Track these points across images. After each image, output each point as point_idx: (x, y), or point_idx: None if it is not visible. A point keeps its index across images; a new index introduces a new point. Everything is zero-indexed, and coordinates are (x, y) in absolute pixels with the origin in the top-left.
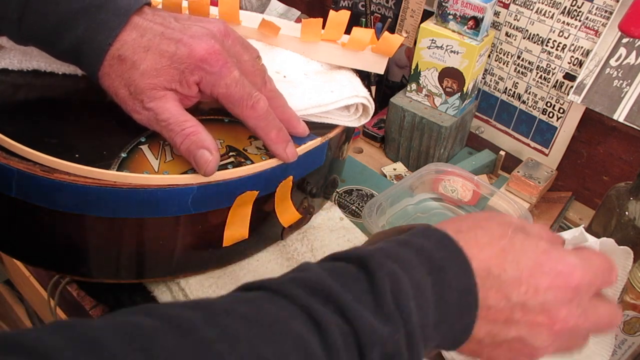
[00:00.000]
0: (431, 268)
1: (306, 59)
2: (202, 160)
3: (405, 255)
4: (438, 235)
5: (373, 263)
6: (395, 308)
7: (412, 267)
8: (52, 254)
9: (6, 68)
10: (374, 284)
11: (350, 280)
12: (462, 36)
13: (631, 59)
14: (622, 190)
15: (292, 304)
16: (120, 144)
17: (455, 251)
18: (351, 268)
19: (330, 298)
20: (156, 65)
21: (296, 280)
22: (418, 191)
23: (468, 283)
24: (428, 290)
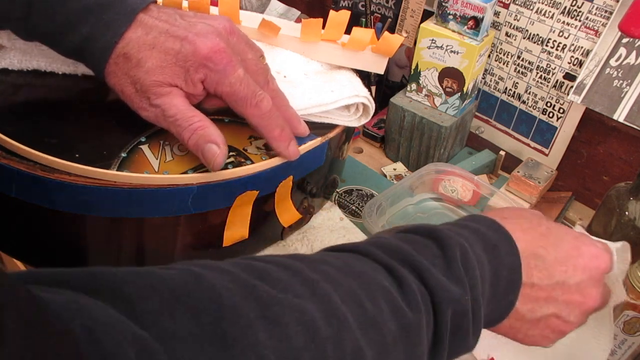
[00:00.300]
0: (486, 246)
1: (306, 59)
2: (209, 154)
3: (464, 234)
4: (488, 220)
5: (442, 234)
6: (465, 273)
7: (472, 242)
8: (52, 254)
9: (6, 68)
10: (444, 250)
11: (422, 247)
12: (462, 36)
13: (631, 59)
14: (622, 190)
15: (374, 262)
16: (120, 143)
17: (504, 233)
18: (421, 238)
19: (407, 260)
20: (161, 62)
21: (375, 244)
22: (418, 191)
23: (516, 262)
24: (486, 265)
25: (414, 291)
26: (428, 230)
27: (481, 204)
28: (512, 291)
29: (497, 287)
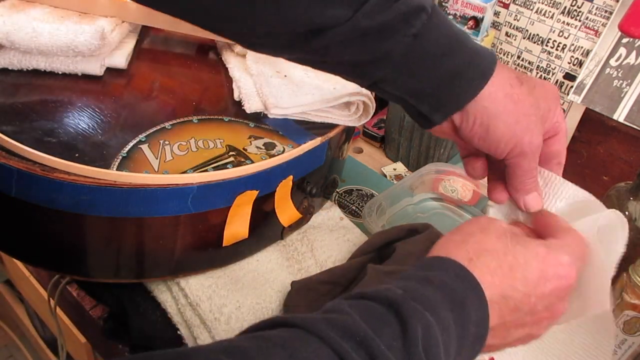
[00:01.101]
0: (453, 304)
1: None
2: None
3: (429, 294)
4: (455, 267)
5: (405, 308)
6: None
7: (437, 307)
8: (52, 254)
9: (6, 67)
10: (405, 330)
11: (381, 324)
12: None
13: (631, 59)
14: (622, 190)
15: (325, 346)
16: (120, 143)
17: (472, 283)
18: (383, 311)
19: (363, 344)
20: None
21: (330, 322)
22: (418, 191)
23: (483, 315)
24: (451, 328)
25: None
26: (390, 301)
27: (481, 204)
28: (479, 343)
29: (463, 344)
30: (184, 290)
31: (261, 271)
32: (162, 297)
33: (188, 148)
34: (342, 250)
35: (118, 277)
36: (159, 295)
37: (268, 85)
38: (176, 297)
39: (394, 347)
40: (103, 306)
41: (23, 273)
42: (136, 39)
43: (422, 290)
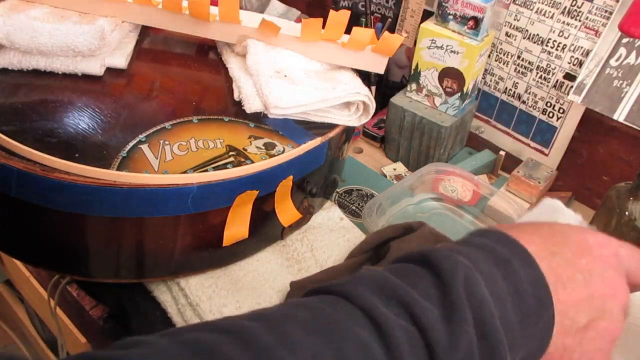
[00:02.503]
0: (497, 261)
1: (306, 58)
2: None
3: (468, 250)
4: (494, 232)
5: (436, 256)
6: (467, 297)
7: (478, 260)
8: (52, 254)
9: (6, 67)
10: (439, 275)
11: (415, 277)
12: (462, 36)
13: (631, 59)
14: (622, 190)
15: (353, 306)
16: (120, 143)
17: (514, 244)
18: (415, 267)
19: (395, 294)
20: None
21: (361, 280)
22: (418, 191)
23: (535, 273)
24: (500, 284)
25: (398, 338)
26: (423, 255)
27: (481, 204)
28: (545, 308)
29: (523, 306)
30: (184, 291)
31: (261, 271)
32: (162, 297)
33: (188, 148)
34: (342, 250)
35: (118, 277)
36: (159, 295)
37: (268, 85)
38: (176, 297)
39: (432, 295)
40: (103, 306)
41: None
42: (136, 39)
43: (458, 247)
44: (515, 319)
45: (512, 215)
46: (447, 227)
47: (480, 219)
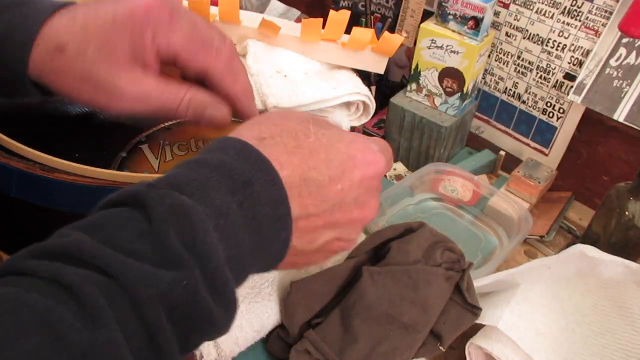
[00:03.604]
0: (234, 186)
1: (306, 58)
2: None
3: (199, 177)
4: (237, 146)
5: (150, 199)
6: (184, 248)
7: (209, 190)
8: None
9: None
10: (152, 222)
11: (119, 228)
12: (462, 36)
13: (631, 59)
14: (622, 190)
15: (34, 279)
16: (120, 143)
17: (259, 161)
18: (123, 211)
19: (83, 256)
20: (104, 39)
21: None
22: (418, 191)
23: (278, 194)
24: (234, 214)
25: (91, 295)
26: (134, 195)
27: (481, 204)
28: (283, 228)
29: (260, 232)
30: None
31: None
32: None
33: (188, 148)
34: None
35: None
36: None
37: (268, 85)
38: None
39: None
40: None
41: None
42: None
43: (188, 174)
44: (248, 248)
45: (512, 215)
46: (447, 227)
47: (480, 218)
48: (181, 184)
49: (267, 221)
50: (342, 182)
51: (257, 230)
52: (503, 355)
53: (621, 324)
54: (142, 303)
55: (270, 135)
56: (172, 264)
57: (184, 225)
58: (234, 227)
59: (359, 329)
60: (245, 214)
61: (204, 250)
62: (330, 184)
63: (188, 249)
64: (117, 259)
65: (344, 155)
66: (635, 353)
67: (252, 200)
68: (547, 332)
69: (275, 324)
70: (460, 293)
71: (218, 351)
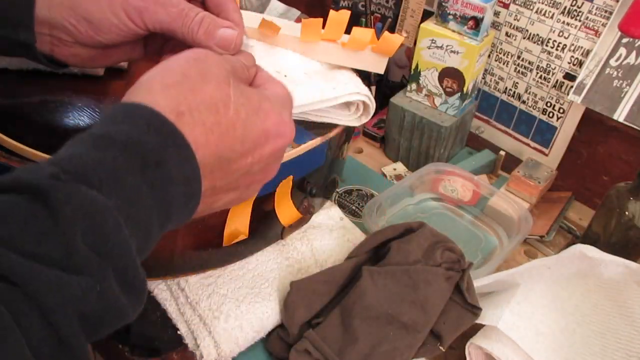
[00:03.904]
0: (145, 164)
1: (306, 58)
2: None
3: (107, 159)
4: (148, 117)
5: (55, 198)
6: (94, 250)
7: (118, 176)
8: None
9: (6, 67)
10: (57, 220)
11: (23, 224)
12: (462, 36)
13: (631, 59)
14: (622, 190)
15: None
16: None
17: (174, 136)
18: (23, 203)
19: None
20: None
21: None
22: (418, 191)
23: (192, 173)
24: (146, 198)
25: None
26: (36, 187)
27: (481, 204)
28: (191, 200)
29: (169, 208)
30: (184, 290)
31: (261, 271)
32: (161, 297)
33: None
34: (342, 250)
35: None
36: (159, 294)
37: None
38: (176, 297)
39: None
40: None
41: None
42: None
43: (96, 156)
44: (157, 226)
45: (512, 215)
46: (447, 227)
47: (480, 218)
48: (88, 171)
49: (178, 198)
50: (252, 156)
51: (167, 208)
52: (503, 355)
53: (621, 324)
54: (52, 311)
55: (188, 109)
56: (83, 269)
57: (94, 226)
58: (145, 212)
59: (359, 329)
60: (156, 195)
61: (116, 249)
62: (240, 159)
63: (99, 251)
64: (22, 264)
65: (259, 129)
66: (636, 353)
67: (165, 179)
68: (548, 332)
69: (275, 324)
70: (460, 293)
71: (218, 351)
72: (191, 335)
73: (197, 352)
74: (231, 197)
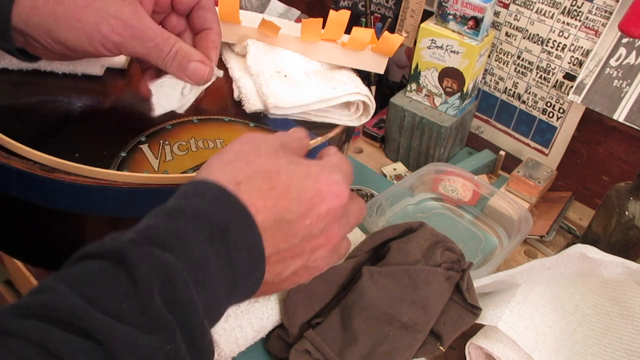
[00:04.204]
0: (212, 234)
1: (306, 58)
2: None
3: (179, 228)
4: (214, 191)
5: (132, 258)
6: (166, 309)
7: (188, 243)
8: (53, 253)
9: (6, 68)
10: (136, 283)
11: (106, 286)
12: (462, 36)
13: (631, 59)
14: (622, 190)
15: (23, 343)
16: (120, 143)
17: (237, 208)
18: (107, 267)
19: (73, 319)
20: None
21: (29, 308)
22: (418, 191)
23: (254, 238)
24: (212, 263)
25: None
26: (118, 251)
27: (481, 204)
28: (257, 268)
29: (235, 276)
30: None
31: None
32: None
33: (188, 148)
34: None
35: None
36: None
37: (268, 86)
38: None
39: (125, 310)
40: None
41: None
42: None
43: (166, 225)
44: (224, 292)
45: (512, 215)
46: (447, 227)
47: (480, 218)
48: (160, 237)
49: (243, 265)
50: (310, 217)
51: (233, 274)
52: (503, 355)
53: (622, 323)
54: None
55: (245, 179)
56: (155, 328)
57: (165, 285)
58: (212, 277)
59: (359, 329)
60: (222, 261)
61: (185, 308)
62: (299, 220)
63: (170, 309)
64: (105, 323)
65: (312, 191)
66: (637, 352)
67: (229, 247)
68: (548, 332)
69: (275, 324)
70: (460, 293)
71: (218, 351)
72: None
73: None
74: (298, 265)
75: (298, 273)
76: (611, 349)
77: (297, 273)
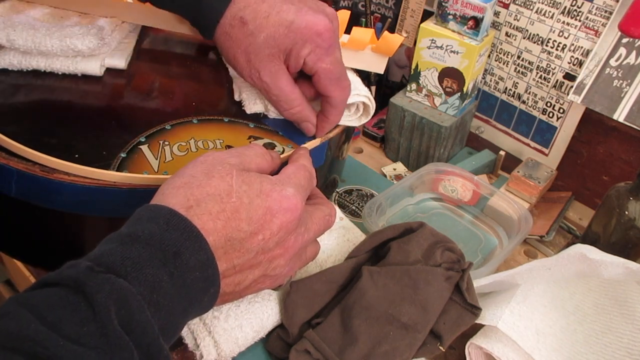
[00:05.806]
0: (165, 257)
1: None
2: (306, 130)
3: (132, 254)
4: (166, 216)
5: (91, 285)
6: (125, 331)
7: (141, 267)
8: (52, 254)
9: (6, 68)
10: (95, 309)
11: (64, 312)
12: (462, 36)
13: (631, 59)
14: (622, 190)
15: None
16: (120, 144)
17: (188, 231)
18: (67, 294)
19: (37, 347)
20: (274, 33)
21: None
22: (418, 191)
23: (206, 258)
24: (166, 285)
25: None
26: (75, 280)
27: (481, 204)
28: (211, 285)
29: (190, 295)
30: None
31: None
32: None
33: (188, 148)
34: (342, 250)
35: None
36: None
37: None
38: None
39: (85, 334)
40: None
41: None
42: (136, 39)
43: (123, 251)
44: (180, 310)
45: (512, 215)
46: (447, 227)
47: (480, 218)
48: (116, 263)
49: (197, 283)
50: (262, 233)
51: (187, 293)
52: (503, 355)
53: (623, 323)
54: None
55: (195, 203)
56: (114, 348)
57: (121, 308)
58: (165, 297)
59: (359, 329)
60: (176, 282)
61: (141, 328)
62: (251, 237)
63: (127, 330)
64: (67, 349)
65: (263, 209)
66: (638, 352)
67: (182, 268)
68: (548, 332)
69: (275, 324)
70: (460, 293)
71: (218, 351)
72: (191, 335)
73: (197, 352)
74: (256, 274)
75: (259, 280)
76: (612, 348)
77: (258, 281)
